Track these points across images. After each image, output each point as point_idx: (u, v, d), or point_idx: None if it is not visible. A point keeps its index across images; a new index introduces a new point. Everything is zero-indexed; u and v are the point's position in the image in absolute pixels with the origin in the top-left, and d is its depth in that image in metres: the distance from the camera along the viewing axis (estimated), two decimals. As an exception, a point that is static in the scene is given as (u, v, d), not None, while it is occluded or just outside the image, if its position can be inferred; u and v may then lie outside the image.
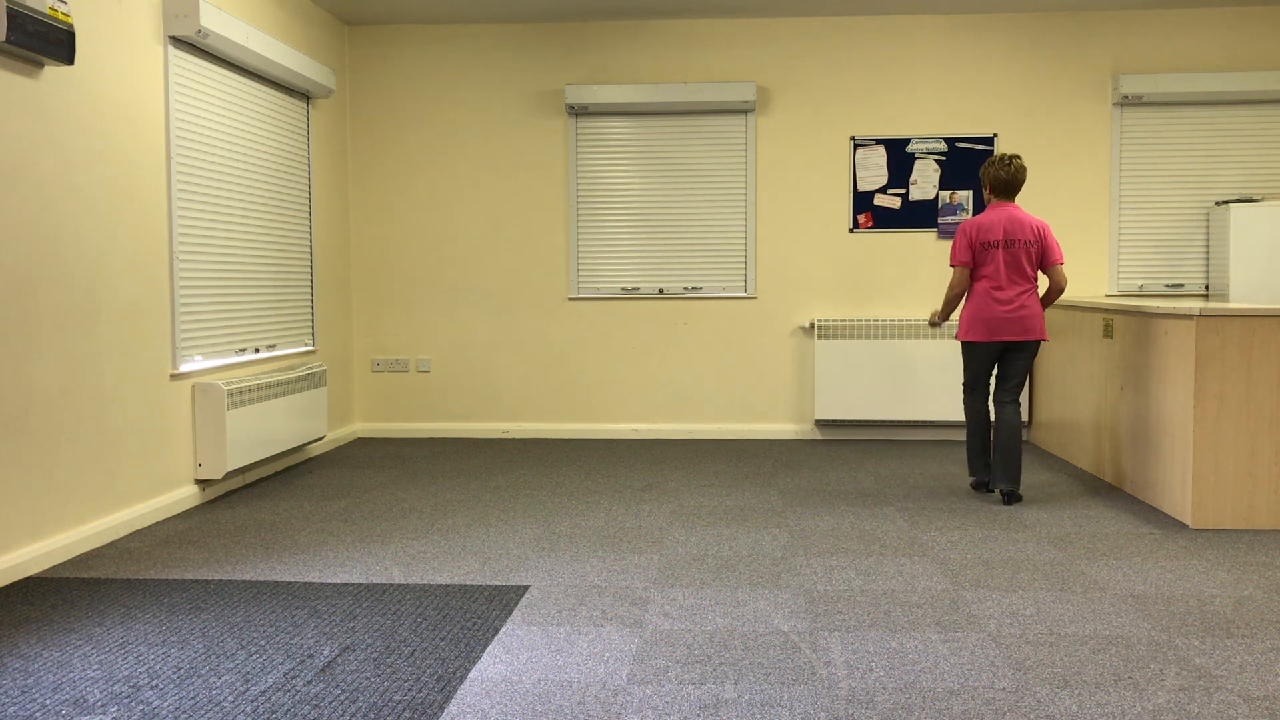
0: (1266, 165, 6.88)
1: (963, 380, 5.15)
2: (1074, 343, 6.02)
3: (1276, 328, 4.49)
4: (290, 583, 3.81)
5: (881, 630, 3.28)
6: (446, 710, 2.71)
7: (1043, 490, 5.36)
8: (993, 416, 5.16)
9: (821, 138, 7.03)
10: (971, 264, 4.93)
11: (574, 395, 7.20)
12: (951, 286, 4.97)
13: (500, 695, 2.80)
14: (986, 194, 5.01)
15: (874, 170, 7.01)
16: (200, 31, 4.88)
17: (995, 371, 5.09)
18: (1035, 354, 4.97)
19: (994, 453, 5.02)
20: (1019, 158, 4.93)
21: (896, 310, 7.05)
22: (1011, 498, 5.01)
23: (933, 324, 5.15)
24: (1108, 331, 5.48)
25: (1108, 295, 7.00)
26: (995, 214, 4.90)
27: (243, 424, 5.27)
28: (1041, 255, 4.90)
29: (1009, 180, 4.91)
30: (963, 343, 5.02)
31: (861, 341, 6.89)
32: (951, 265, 4.87)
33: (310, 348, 6.49)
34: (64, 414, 4.17)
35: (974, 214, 6.97)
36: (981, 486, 5.20)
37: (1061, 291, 4.97)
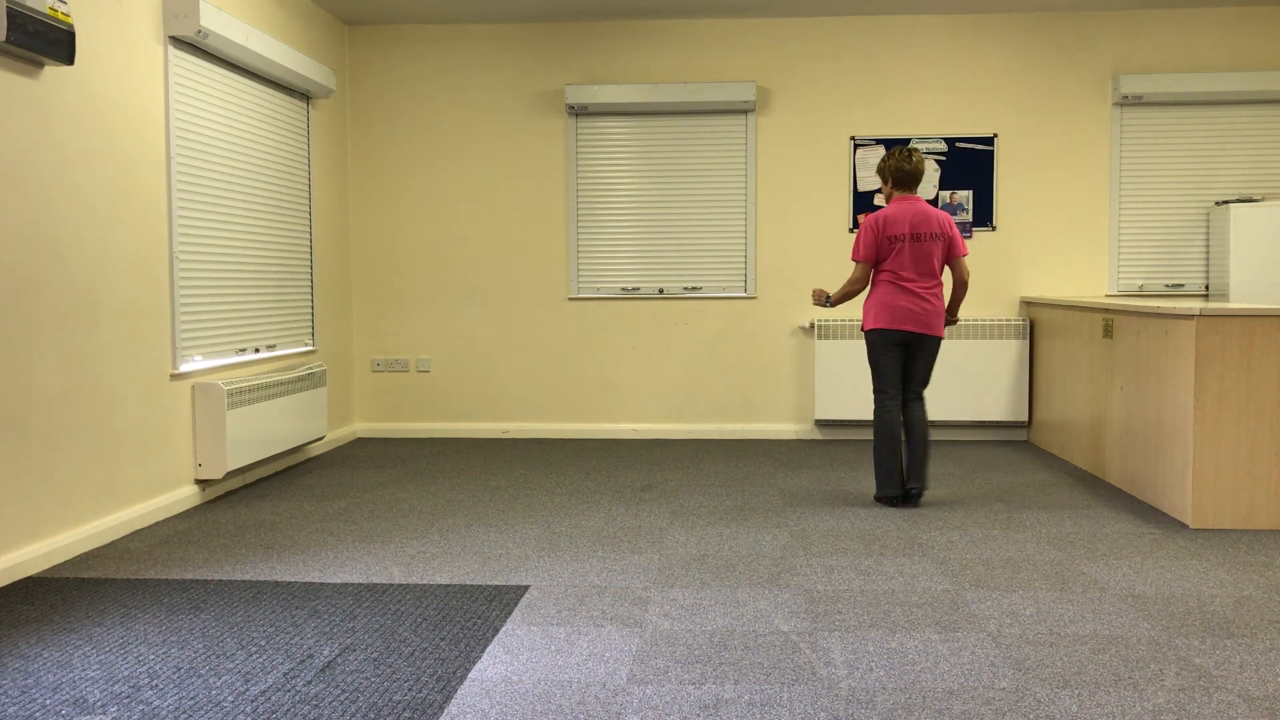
0: (1266, 165, 6.88)
1: (873, 385, 4.97)
2: (1074, 343, 6.02)
3: (1276, 328, 4.49)
4: (290, 583, 3.81)
5: (881, 630, 3.28)
6: (446, 710, 2.71)
7: (1043, 490, 5.36)
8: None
9: (821, 138, 7.03)
10: (874, 261, 4.87)
11: (574, 395, 7.20)
12: (851, 282, 4.90)
13: (500, 695, 2.80)
14: (887, 189, 4.95)
15: (874, 170, 7.01)
16: (200, 31, 4.88)
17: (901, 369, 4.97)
18: (936, 352, 4.92)
19: (904, 451, 4.93)
20: (914, 149, 4.89)
21: (896, 310, 7.05)
22: (917, 496, 4.93)
23: (819, 302, 5.01)
24: (1108, 331, 5.48)
25: (1108, 295, 7.00)
26: (901, 207, 4.84)
27: (243, 424, 5.27)
28: (948, 249, 4.87)
29: (912, 173, 4.85)
30: (866, 335, 4.93)
31: (862, 342, 6.89)
32: (853, 260, 4.79)
33: (310, 348, 6.49)
34: (64, 414, 4.17)
35: (973, 214, 6.98)
36: (889, 501, 4.97)
37: (966, 285, 4.94)
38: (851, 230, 7.02)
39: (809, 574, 3.90)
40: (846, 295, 4.95)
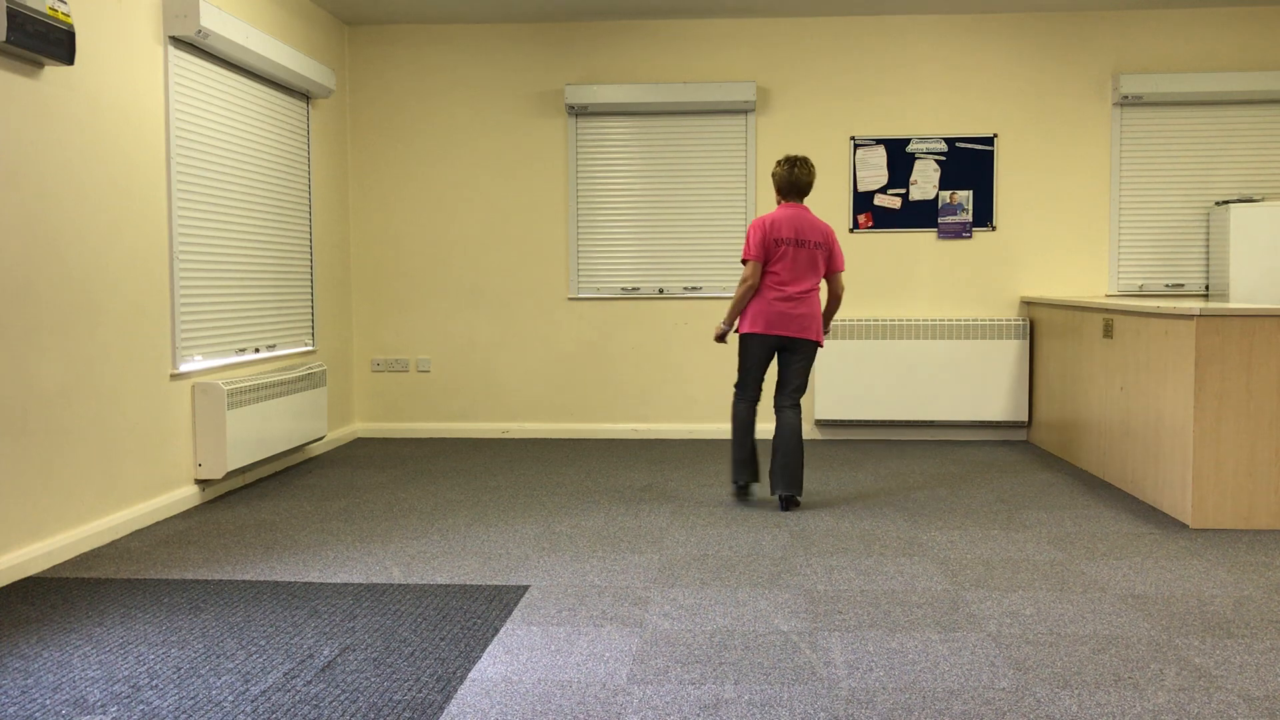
0: (1266, 165, 6.88)
1: (735, 381, 5.10)
2: (1074, 343, 6.02)
3: (1276, 328, 4.49)
4: (290, 583, 3.81)
5: (881, 630, 3.28)
6: (446, 710, 2.71)
7: (1043, 490, 5.36)
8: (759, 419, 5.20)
9: (821, 138, 7.03)
10: (764, 259, 4.93)
11: (574, 395, 7.20)
12: (743, 281, 4.92)
13: (500, 695, 2.80)
14: (777, 196, 5.07)
15: (874, 170, 7.01)
16: (200, 31, 4.88)
17: (777, 375, 5.08)
18: (813, 358, 4.97)
19: (774, 456, 4.93)
20: (805, 160, 4.96)
21: (896, 310, 7.05)
22: (789, 503, 4.95)
23: (718, 338, 5.00)
24: (1108, 331, 5.48)
25: (1108, 295, 7.00)
26: (785, 213, 4.94)
27: (243, 424, 5.27)
28: (828, 260, 4.97)
29: (793, 182, 4.95)
30: (740, 337, 5.01)
31: (862, 341, 6.89)
32: (743, 260, 4.93)
33: (310, 348, 6.49)
34: (64, 414, 4.17)
35: (973, 214, 6.98)
36: (743, 492, 5.11)
37: (840, 300, 5.05)
38: (852, 230, 7.03)
39: (809, 574, 3.90)
40: (741, 301, 4.94)
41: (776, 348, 4.96)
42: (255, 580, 3.84)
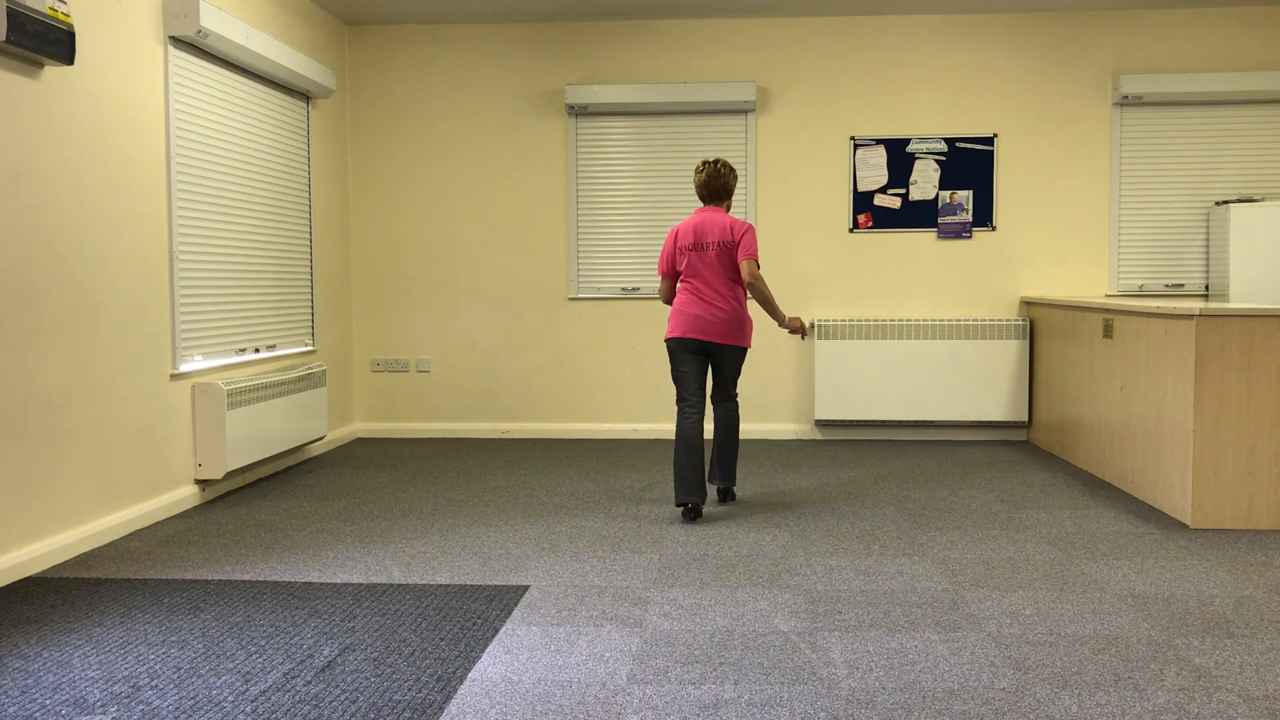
0: (1266, 165, 6.88)
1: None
2: (1074, 343, 6.02)
3: (1276, 328, 4.49)
4: (290, 583, 3.81)
5: (881, 630, 3.28)
6: (446, 710, 2.71)
7: (1043, 490, 5.36)
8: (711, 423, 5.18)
9: (821, 138, 7.03)
10: (671, 273, 4.93)
11: (574, 395, 7.20)
12: (660, 294, 5.02)
13: (500, 695, 2.80)
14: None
15: (874, 170, 7.01)
16: (200, 31, 4.88)
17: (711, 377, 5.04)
18: (740, 360, 4.88)
19: (713, 449, 5.02)
20: (716, 163, 4.90)
21: (896, 310, 7.05)
22: (725, 495, 5.06)
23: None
24: (1108, 331, 5.48)
25: (1108, 295, 7.00)
26: (694, 218, 4.91)
27: (243, 424, 5.27)
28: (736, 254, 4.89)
29: (702, 186, 4.95)
30: (666, 344, 4.94)
31: (861, 341, 6.89)
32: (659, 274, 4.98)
33: (310, 348, 6.49)
34: (64, 414, 4.17)
35: (973, 214, 6.98)
36: (692, 513, 4.74)
37: (754, 288, 4.76)
38: (851, 230, 7.03)
39: (809, 574, 3.90)
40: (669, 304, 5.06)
41: (699, 351, 4.83)
42: (255, 580, 3.84)
